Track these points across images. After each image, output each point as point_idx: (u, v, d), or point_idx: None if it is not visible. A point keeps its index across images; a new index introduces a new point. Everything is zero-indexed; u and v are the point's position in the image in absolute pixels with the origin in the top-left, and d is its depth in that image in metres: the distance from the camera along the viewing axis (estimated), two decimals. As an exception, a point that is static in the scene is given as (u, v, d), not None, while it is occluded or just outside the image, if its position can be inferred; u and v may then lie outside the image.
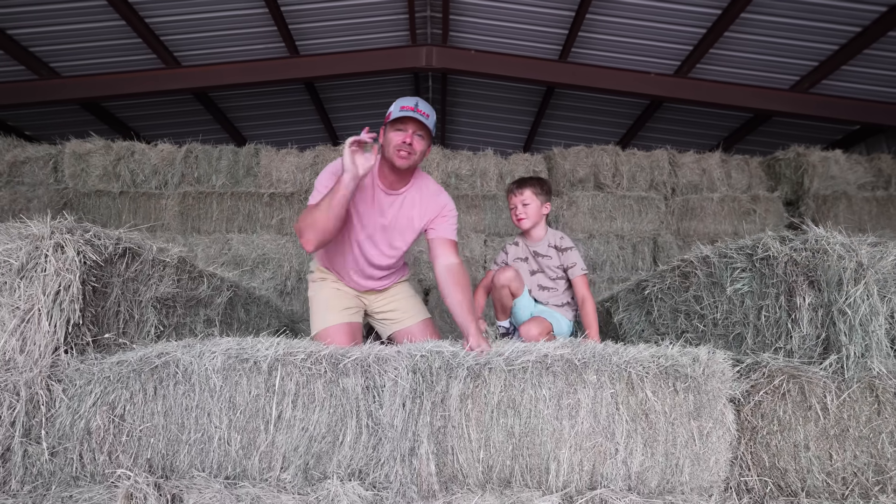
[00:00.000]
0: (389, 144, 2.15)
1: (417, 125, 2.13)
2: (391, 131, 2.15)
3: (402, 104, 2.14)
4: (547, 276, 2.58)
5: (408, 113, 2.09)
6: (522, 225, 2.58)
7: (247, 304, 3.10)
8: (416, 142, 2.14)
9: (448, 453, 1.60)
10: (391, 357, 1.68)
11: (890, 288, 1.60)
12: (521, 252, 2.64)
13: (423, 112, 2.12)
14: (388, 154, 2.16)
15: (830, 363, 1.58)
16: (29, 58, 5.93)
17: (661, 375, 1.64)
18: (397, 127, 2.13)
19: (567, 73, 6.48)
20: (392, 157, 2.15)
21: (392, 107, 2.18)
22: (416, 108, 2.11)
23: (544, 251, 2.59)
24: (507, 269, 2.49)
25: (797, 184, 5.51)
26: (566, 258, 2.55)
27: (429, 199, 2.32)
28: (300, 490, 1.55)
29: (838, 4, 5.18)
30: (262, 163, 5.48)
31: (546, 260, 2.58)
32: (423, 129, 2.15)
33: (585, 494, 1.57)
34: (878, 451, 1.59)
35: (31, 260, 1.62)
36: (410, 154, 2.14)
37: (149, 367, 1.62)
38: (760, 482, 1.59)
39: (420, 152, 2.18)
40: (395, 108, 2.15)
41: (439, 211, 2.30)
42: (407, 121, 2.12)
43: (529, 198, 2.56)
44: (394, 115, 2.12)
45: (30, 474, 1.55)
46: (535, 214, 2.56)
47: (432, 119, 2.18)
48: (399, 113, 2.10)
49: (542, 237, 2.60)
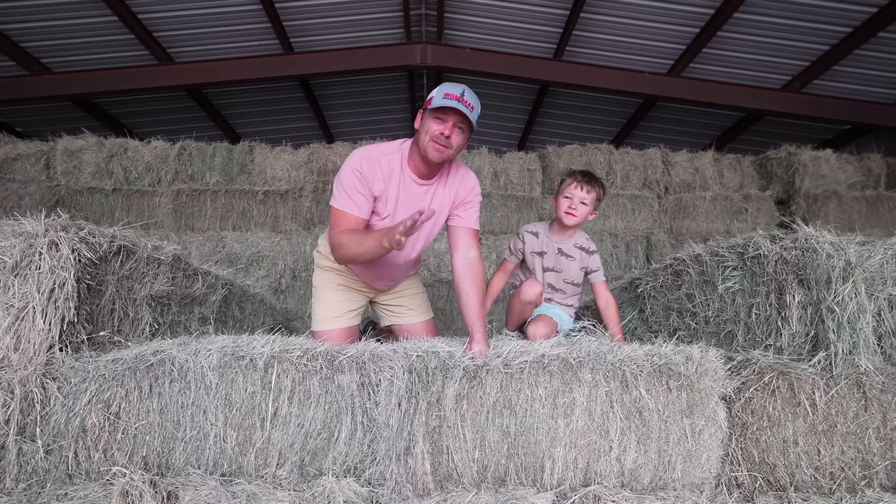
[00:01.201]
0: (426, 133, 1.94)
1: (459, 117, 1.92)
2: (430, 119, 1.94)
3: (447, 91, 1.91)
4: (562, 276, 2.45)
5: (451, 103, 1.87)
6: (568, 220, 2.38)
7: (241, 302, 3.10)
8: (455, 135, 1.94)
9: (443, 453, 1.62)
10: (387, 355, 1.69)
11: (877, 286, 1.63)
12: (539, 246, 2.46)
13: (469, 104, 1.90)
14: (422, 143, 1.95)
15: (819, 360, 1.61)
16: (20, 53, 5.88)
17: (654, 374, 1.66)
18: (437, 115, 1.93)
19: (561, 72, 6.49)
20: (426, 149, 1.95)
21: (435, 91, 1.97)
22: (461, 99, 1.89)
23: (569, 251, 2.46)
24: (536, 285, 2.31)
25: (788, 183, 5.57)
26: (591, 261, 2.45)
27: (457, 181, 2.14)
28: (296, 487, 1.56)
29: (829, 5, 5.23)
30: (257, 160, 5.46)
31: (568, 261, 2.46)
32: (466, 121, 1.94)
33: (579, 491, 1.59)
34: (865, 446, 1.62)
35: (25, 257, 1.61)
36: (446, 148, 1.94)
37: (144, 364, 1.63)
38: (750, 477, 1.62)
39: (457, 147, 1.98)
40: (438, 94, 1.93)
41: (467, 195, 2.14)
42: (449, 110, 1.91)
43: (592, 200, 2.40)
44: (435, 101, 1.92)
45: (24, 472, 1.55)
46: (584, 217, 2.42)
47: (477, 111, 1.96)
48: (441, 101, 1.89)
49: (572, 237, 2.48)
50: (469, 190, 2.15)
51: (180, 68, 6.37)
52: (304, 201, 5.34)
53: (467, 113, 1.89)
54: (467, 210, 2.14)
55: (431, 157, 1.95)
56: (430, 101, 1.97)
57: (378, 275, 2.36)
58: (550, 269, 2.45)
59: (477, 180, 2.19)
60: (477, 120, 1.99)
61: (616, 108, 7.69)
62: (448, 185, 2.13)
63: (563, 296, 2.47)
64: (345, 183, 2.00)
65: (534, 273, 2.46)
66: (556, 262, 2.43)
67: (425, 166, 2.04)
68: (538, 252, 2.45)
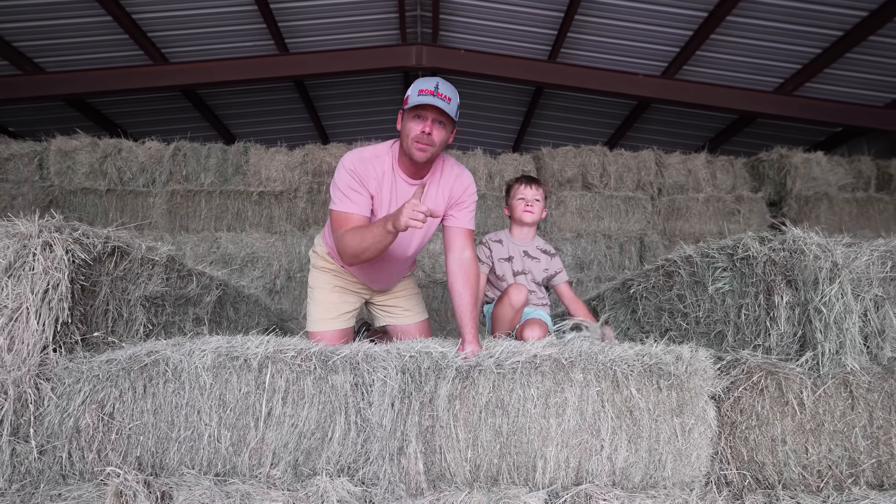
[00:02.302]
0: (407, 135, 1.95)
1: (438, 112, 1.92)
2: (409, 119, 1.95)
3: (421, 87, 1.91)
4: (530, 277, 2.56)
5: (426, 99, 1.87)
6: (526, 218, 2.53)
7: (236, 303, 3.10)
8: (436, 131, 1.94)
9: (436, 452, 1.63)
10: (380, 356, 1.70)
11: (864, 287, 1.65)
12: (505, 251, 2.58)
13: (444, 96, 1.89)
14: (406, 145, 1.97)
15: (806, 360, 1.63)
16: (12, 53, 5.86)
17: (645, 374, 1.68)
18: (416, 114, 1.93)
19: (556, 74, 6.53)
20: (410, 150, 1.96)
21: (410, 89, 1.96)
22: (435, 93, 1.88)
23: (533, 252, 2.59)
24: (522, 288, 2.34)
25: (780, 185, 5.63)
26: (554, 263, 2.60)
27: (452, 180, 2.15)
28: (290, 486, 1.56)
29: (820, 9, 5.28)
30: (252, 161, 5.46)
31: (534, 262, 2.58)
32: (445, 114, 1.93)
33: (571, 490, 1.61)
34: (852, 445, 1.64)
35: (18, 258, 1.62)
36: (429, 146, 1.94)
37: (138, 365, 1.63)
38: (739, 475, 1.64)
39: (440, 142, 1.97)
40: (413, 92, 1.92)
41: (462, 193, 2.15)
42: (426, 107, 1.91)
43: (542, 197, 2.56)
44: (411, 100, 1.92)
45: (18, 473, 1.55)
46: (539, 214, 2.57)
47: (455, 102, 1.95)
48: (417, 98, 1.89)
49: (532, 238, 2.62)
50: (463, 189, 2.16)
51: (175, 68, 6.37)
52: (298, 202, 5.34)
53: (444, 106, 1.89)
54: (462, 210, 2.16)
55: (416, 158, 1.97)
56: (406, 100, 1.97)
57: (376, 276, 2.37)
58: (520, 271, 2.55)
59: (472, 179, 2.21)
60: (458, 110, 1.99)
61: (611, 109, 7.73)
62: (442, 183, 2.14)
63: (538, 297, 2.56)
64: (341, 185, 2.01)
65: (504, 280, 2.55)
66: (523, 264, 2.55)
67: (414, 166, 2.05)
68: (506, 258, 2.56)
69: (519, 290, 2.35)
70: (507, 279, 2.55)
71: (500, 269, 2.57)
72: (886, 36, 5.50)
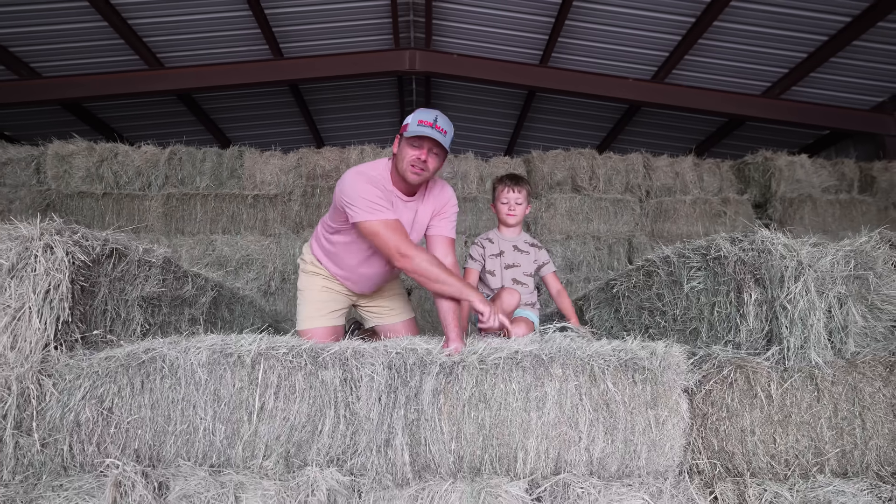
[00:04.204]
0: (403, 159, 2.10)
1: (434, 142, 2.08)
2: (406, 145, 2.10)
3: (421, 118, 2.07)
4: (521, 270, 2.69)
5: (425, 131, 2.03)
6: (511, 220, 2.70)
7: (231, 304, 3.17)
8: (431, 160, 2.10)
9: (421, 444, 1.70)
10: (368, 352, 1.78)
11: (828, 285, 1.74)
12: (496, 248, 2.72)
13: (442, 129, 2.06)
14: (401, 168, 2.12)
15: (773, 354, 1.72)
16: (9, 57, 5.92)
17: (621, 368, 1.76)
18: (413, 143, 2.08)
19: (547, 78, 6.63)
20: (405, 173, 2.11)
21: (410, 118, 2.12)
22: (434, 125, 2.05)
23: (522, 246, 2.74)
24: (514, 293, 2.49)
25: (765, 187, 5.73)
26: (541, 255, 2.76)
27: (435, 194, 2.31)
28: (281, 476, 1.63)
29: (806, 14, 5.40)
30: (246, 165, 5.53)
31: (523, 255, 2.72)
32: (440, 145, 2.09)
33: (550, 479, 1.68)
34: (818, 435, 1.73)
35: (21, 260, 1.69)
36: (424, 171, 2.11)
37: (136, 362, 1.70)
38: (710, 465, 1.72)
39: (433, 169, 2.15)
40: (413, 122, 2.08)
41: (443, 206, 2.30)
42: (424, 137, 2.07)
43: (524, 198, 2.71)
44: (410, 129, 2.07)
45: (21, 465, 1.62)
46: (522, 213, 2.75)
47: (450, 136, 2.12)
48: (416, 129, 2.04)
49: (520, 233, 2.79)
50: (445, 202, 2.32)
51: (170, 73, 6.44)
52: (293, 205, 5.42)
53: (441, 139, 2.05)
54: (443, 220, 2.30)
55: (410, 180, 2.12)
56: (405, 127, 2.11)
57: (362, 282, 2.47)
58: (510, 265, 2.70)
59: (453, 193, 2.37)
60: (451, 142, 2.15)
61: (602, 113, 7.84)
62: (427, 199, 2.30)
63: (527, 290, 2.68)
64: (367, 196, 2.06)
65: (494, 275, 2.69)
66: (513, 258, 2.71)
67: (407, 185, 2.19)
68: (497, 254, 2.72)
69: (511, 294, 2.48)
70: (496, 274, 2.69)
71: (491, 264, 2.70)
72: (870, 41, 5.62)
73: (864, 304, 1.79)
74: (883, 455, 1.72)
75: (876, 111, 6.76)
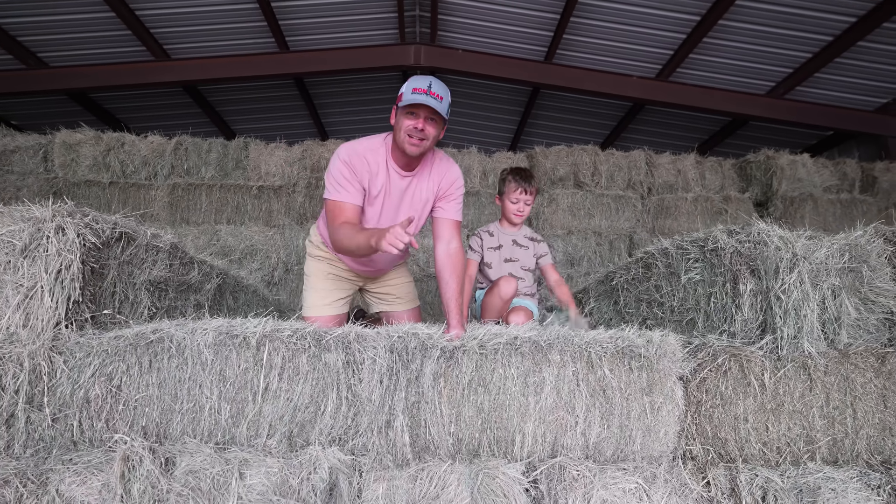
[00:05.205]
0: (400, 130, 2.05)
1: (430, 109, 2.01)
2: (402, 115, 2.04)
3: (414, 85, 2.00)
4: (519, 265, 2.74)
5: (419, 98, 1.97)
6: (516, 220, 2.77)
7: (235, 292, 3.21)
8: (429, 127, 2.04)
9: (421, 426, 1.75)
10: (370, 336, 1.82)
11: (822, 277, 1.77)
12: (496, 241, 2.76)
13: (437, 95, 1.99)
14: (399, 139, 2.06)
15: (766, 343, 1.76)
16: (17, 47, 5.95)
17: (617, 355, 1.80)
18: (409, 111, 2.02)
19: (552, 74, 6.64)
20: (403, 144, 2.06)
21: (404, 87, 2.05)
22: (428, 92, 1.98)
23: (521, 241, 2.78)
24: (512, 280, 2.50)
25: (767, 185, 5.75)
26: (540, 248, 2.80)
27: (441, 174, 2.25)
28: (284, 455, 1.68)
29: (810, 14, 5.40)
30: (251, 156, 5.57)
31: (522, 250, 2.76)
32: (437, 112, 2.02)
33: (546, 462, 1.72)
34: (809, 423, 1.77)
35: (33, 241, 1.73)
36: (422, 140, 2.04)
37: (144, 341, 1.75)
38: (703, 450, 1.76)
39: (433, 137, 2.08)
40: (407, 90, 2.01)
41: (449, 186, 2.25)
42: (419, 105, 2.00)
43: (533, 199, 2.77)
44: (405, 98, 2.01)
45: (32, 439, 1.66)
46: (528, 213, 2.81)
47: (447, 101, 2.05)
48: (410, 97, 1.98)
49: (520, 229, 2.83)
50: (451, 182, 2.28)
51: (176, 65, 6.47)
52: (297, 196, 5.46)
53: (436, 105, 1.99)
54: (450, 202, 2.28)
55: (409, 152, 2.08)
56: (400, 97, 2.07)
57: (367, 265, 2.49)
58: (509, 259, 2.74)
59: (460, 173, 2.33)
60: (449, 108, 2.08)
61: (606, 111, 7.84)
62: (431, 176, 2.26)
63: (525, 284, 2.73)
64: (335, 175, 2.13)
65: (492, 268, 2.74)
66: (512, 252, 2.75)
67: (406, 158, 2.15)
68: (495, 247, 2.76)
69: (508, 282, 2.51)
70: (495, 266, 2.73)
71: (489, 257, 2.75)
72: (875, 41, 5.62)
73: (858, 297, 1.83)
74: (873, 444, 1.76)
75: (880, 112, 6.75)
